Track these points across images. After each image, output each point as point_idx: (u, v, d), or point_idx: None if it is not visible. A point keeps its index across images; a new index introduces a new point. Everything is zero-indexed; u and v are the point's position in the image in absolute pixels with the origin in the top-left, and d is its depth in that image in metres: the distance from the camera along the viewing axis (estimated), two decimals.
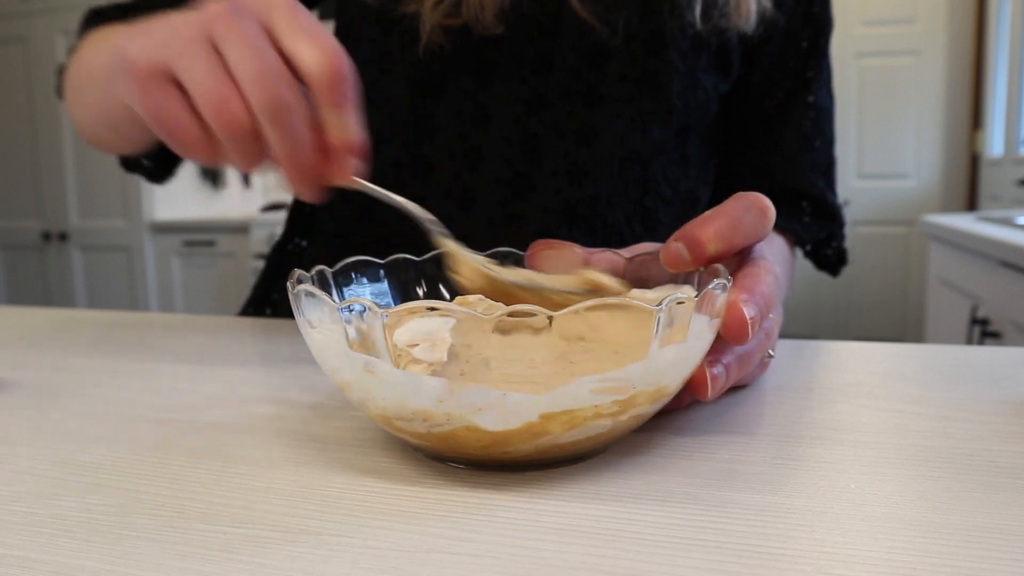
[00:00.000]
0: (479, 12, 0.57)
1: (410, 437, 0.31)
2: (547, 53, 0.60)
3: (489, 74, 0.60)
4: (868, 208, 3.28)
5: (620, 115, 0.60)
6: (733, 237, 0.35)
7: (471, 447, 0.29)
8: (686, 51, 0.60)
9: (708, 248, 0.34)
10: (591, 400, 0.28)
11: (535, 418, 0.28)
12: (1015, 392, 0.40)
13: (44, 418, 0.39)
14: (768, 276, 0.35)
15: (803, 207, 0.67)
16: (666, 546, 0.25)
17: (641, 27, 0.59)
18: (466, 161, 0.61)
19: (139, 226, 3.42)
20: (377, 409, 0.30)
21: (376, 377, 0.29)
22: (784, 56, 0.66)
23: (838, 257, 0.71)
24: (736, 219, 0.35)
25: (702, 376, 0.33)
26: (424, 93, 0.61)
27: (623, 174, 0.62)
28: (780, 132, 0.67)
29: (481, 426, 0.28)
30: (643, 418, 0.31)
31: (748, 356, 0.35)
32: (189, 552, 0.25)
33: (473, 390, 0.28)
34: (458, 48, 0.59)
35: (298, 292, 0.31)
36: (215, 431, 0.36)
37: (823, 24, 0.67)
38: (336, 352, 0.30)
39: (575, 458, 0.31)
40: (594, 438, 0.30)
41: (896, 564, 0.23)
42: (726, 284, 0.31)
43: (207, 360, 0.50)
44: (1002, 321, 1.57)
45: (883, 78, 3.22)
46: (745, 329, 0.32)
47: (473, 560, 0.24)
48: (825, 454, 0.32)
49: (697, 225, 0.35)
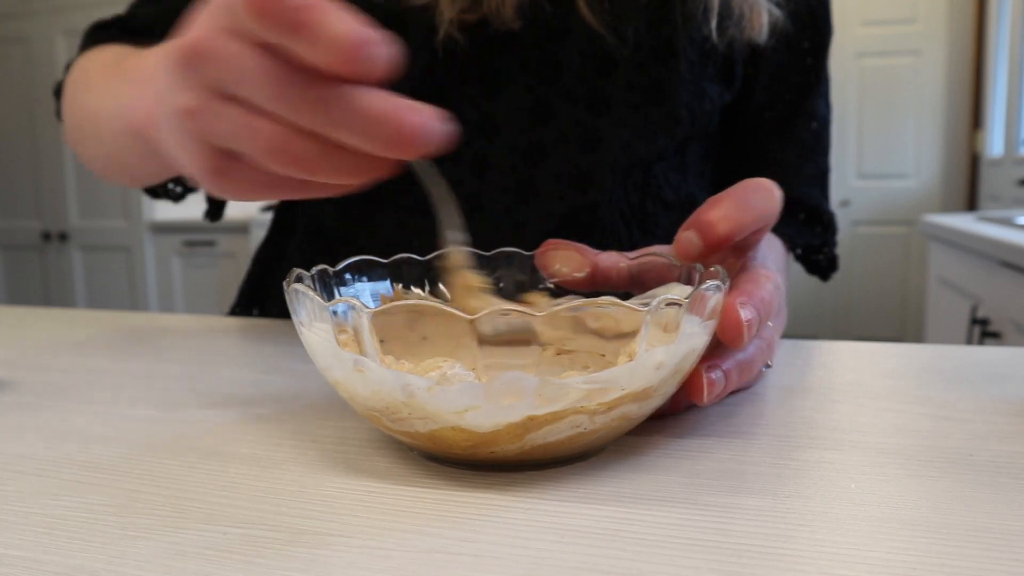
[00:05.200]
0: (500, 5, 0.57)
1: (401, 436, 0.31)
2: (554, 60, 0.59)
3: (495, 83, 0.60)
4: (868, 208, 3.28)
5: (626, 123, 0.60)
6: (742, 216, 0.34)
7: (458, 447, 0.30)
8: (693, 61, 0.60)
9: (719, 228, 0.34)
10: (577, 402, 0.28)
11: (519, 419, 0.28)
12: (1015, 392, 0.40)
13: (44, 418, 0.39)
14: (768, 283, 0.35)
15: (799, 216, 0.67)
16: (666, 546, 0.25)
17: (650, 36, 0.59)
18: (472, 169, 0.61)
19: (139, 226, 3.42)
20: (367, 407, 0.31)
21: (364, 376, 0.29)
22: (786, 67, 0.66)
23: (829, 263, 0.71)
24: (743, 199, 0.35)
25: (699, 380, 0.33)
26: (430, 102, 0.61)
27: (625, 180, 0.62)
28: (779, 144, 0.68)
29: (465, 426, 0.29)
30: (631, 419, 0.31)
31: (748, 363, 0.35)
32: (189, 552, 0.25)
33: (457, 390, 0.28)
34: (468, 49, 0.58)
35: (291, 290, 0.32)
36: (215, 431, 0.36)
37: (825, 32, 0.67)
38: (326, 351, 0.30)
39: (566, 459, 0.31)
40: (582, 438, 0.30)
41: (896, 564, 0.23)
42: (720, 285, 0.31)
43: (207, 360, 0.50)
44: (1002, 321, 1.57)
45: (883, 78, 3.22)
46: (741, 331, 0.32)
47: (473, 560, 0.24)
48: (825, 455, 0.32)
49: (704, 209, 0.35)
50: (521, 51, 0.59)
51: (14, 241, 3.60)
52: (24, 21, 3.45)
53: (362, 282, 0.40)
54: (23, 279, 3.63)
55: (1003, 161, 2.86)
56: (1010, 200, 2.73)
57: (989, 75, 3.03)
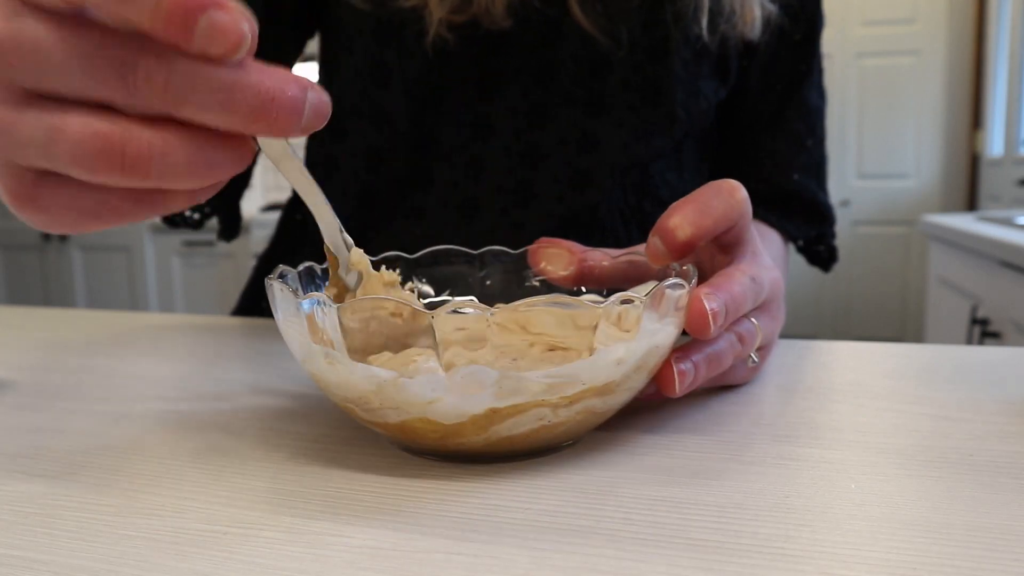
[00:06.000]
0: (490, 4, 0.57)
1: (375, 427, 0.32)
2: (549, 63, 0.59)
3: (489, 86, 0.60)
4: (868, 208, 3.28)
5: (623, 124, 0.60)
6: (702, 220, 0.35)
7: (428, 438, 0.30)
8: (688, 60, 0.60)
9: (677, 234, 0.34)
10: (538, 396, 0.29)
11: (481, 411, 0.29)
12: (1015, 392, 0.40)
13: (44, 418, 0.39)
14: (742, 277, 0.36)
15: (794, 208, 0.67)
16: (666, 546, 0.25)
17: (644, 37, 0.59)
18: (468, 171, 0.61)
19: (139, 226, 3.42)
20: (340, 399, 0.32)
21: (335, 368, 0.30)
22: (778, 57, 0.66)
23: (829, 254, 0.71)
24: (704, 203, 0.35)
25: (669, 372, 0.33)
26: (424, 106, 0.61)
27: (623, 180, 0.62)
28: (772, 135, 0.67)
29: (432, 417, 0.29)
30: (596, 413, 0.31)
31: (718, 356, 0.35)
32: (189, 552, 0.25)
33: (420, 382, 0.29)
34: (461, 51, 0.58)
35: (268, 286, 0.32)
36: (215, 431, 0.36)
37: (815, 21, 0.67)
38: (301, 344, 0.31)
39: (535, 452, 0.32)
40: (547, 431, 0.30)
41: (896, 564, 0.23)
42: (682, 283, 0.32)
43: (207, 360, 0.50)
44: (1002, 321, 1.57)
45: (883, 78, 3.22)
46: (706, 321, 0.33)
47: (472, 560, 0.24)
48: (825, 454, 0.32)
49: (666, 215, 0.35)
50: (515, 54, 0.59)
51: (14, 241, 3.60)
52: None
53: None
54: (23, 279, 3.63)
55: (1003, 161, 2.86)
56: (1010, 200, 2.73)
57: (989, 75, 3.03)
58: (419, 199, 0.62)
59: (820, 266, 0.72)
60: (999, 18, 2.94)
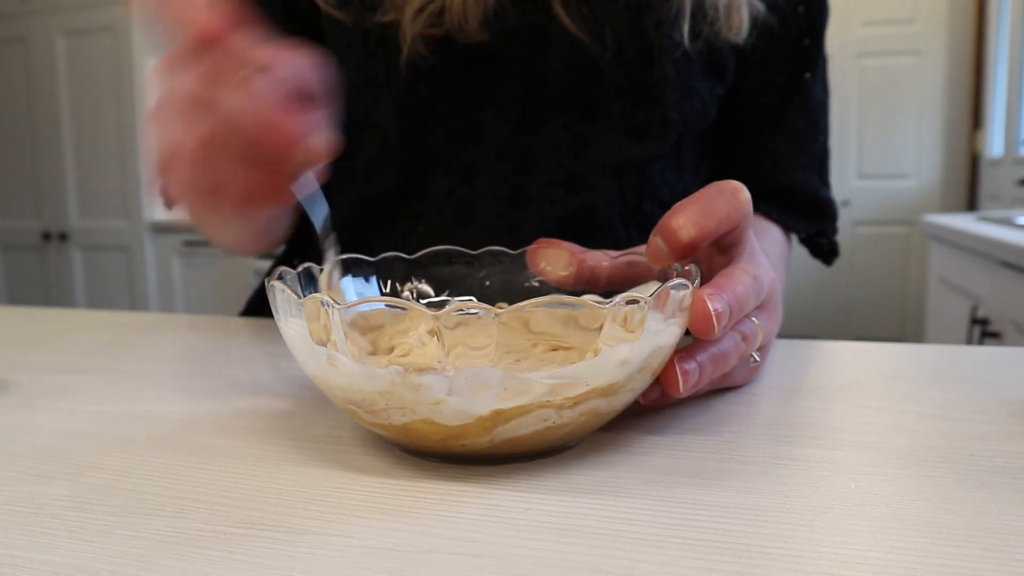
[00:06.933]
0: (462, 20, 0.56)
1: (377, 429, 0.32)
2: (538, 69, 0.59)
3: (480, 94, 0.59)
4: (868, 208, 3.28)
5: (615, 128, 0.60)
6: (705, 221, 0.35)
7: (431, 440, 0.30)
8: (679, 60, 0.60)
9: (680, 235, 0.34)
10: (542, 396, 0.29)
11: (486, 412, 0.29)
12: (1015, 392, 0.40)
13: (44, 418, 0.39)
14: (744, 277, 0.36)
15: (796, 203, 0.67)
16: (666, 546, 0.25)
17: (632, 40, 0.59)
18: (462, 178, 0.61)
19: (139, 226, 3.42)
20: (342, 400, 0.31)
21: (337, 369, 0.30)
22: (779, 50, 0.65)
23: (831, 248, 0.71)
24: (707, 204, 0.35)
25: (673, 372, 0.33)
26: (415, 116, 0.61)
27: (620, 181, 0.61)
28: (775, 131, 0.67)
29: (436, 419, 0.29)
30: (600, 414, 0.31)
31: (723, 356, 0.35)
32: (189, 552, 0.25)
33: (424, 383, 0.29)
34: (443, 65, 0.58)
35: (269, 287, 0.33)
36: (215, 431, 0.36)
37: (819, 14, 0.66)
38: (303, 345, 0.31)
39: (539, 453, 0.32)
40: (551, 433, 0.30)
41: (896, 564, 0.23)
42: (686, 284, 0.32)
43: (207, 360, 0.50)
44: (1002, 321, 1.57)
45: (883, 78, 3.22)
46: (709, 322, 0.32)
47: (473, 560, 0.24)
48: (825, 454, 0.32)
49: (668, 215, 0.35)
50: (503, 65, 0.59)
51: (14, 241, 3.60)
52: (24, 21, 3.45)
53: (347, 279, 0.40)
54: (23, 279, 3.63)
55: (1003, 161, 2.86)
56: (1010, 200, 2.73)
57: (989, 75, 3.03)
58: (415, 206, 0.62)
59: (822, 259, 0.72)
60: (999, 18, 2.94)
